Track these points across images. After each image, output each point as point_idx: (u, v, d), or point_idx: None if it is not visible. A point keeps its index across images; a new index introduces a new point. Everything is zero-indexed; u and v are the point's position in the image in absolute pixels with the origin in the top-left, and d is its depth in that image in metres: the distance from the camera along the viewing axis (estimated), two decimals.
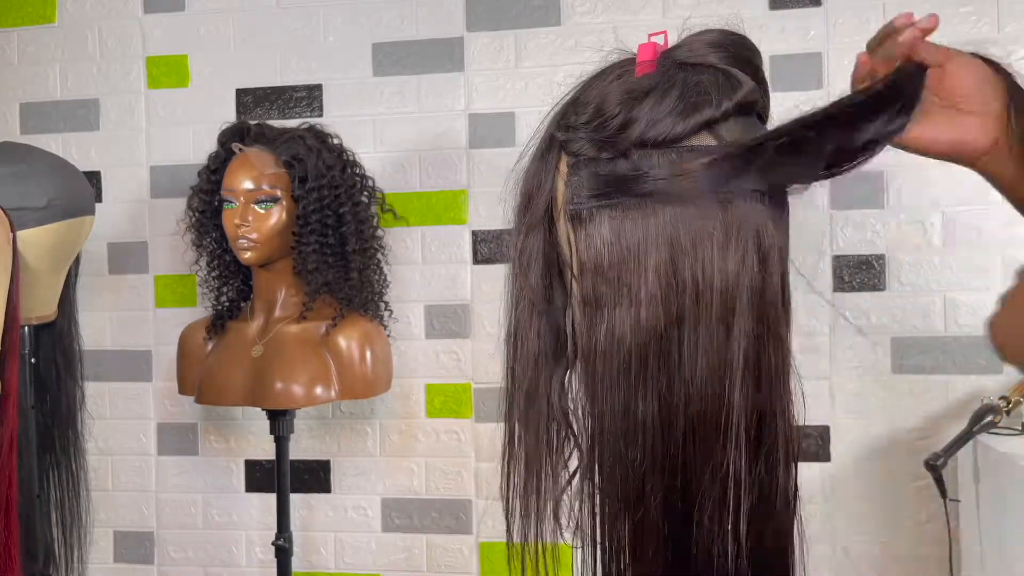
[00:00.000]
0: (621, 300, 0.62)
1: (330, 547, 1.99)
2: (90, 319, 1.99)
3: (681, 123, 0.62)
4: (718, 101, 0.62)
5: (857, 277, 1.79)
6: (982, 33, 1.76)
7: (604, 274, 0.63)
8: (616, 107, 0.63)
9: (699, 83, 0.63)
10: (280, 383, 1.66)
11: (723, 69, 0.65)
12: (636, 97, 0.63)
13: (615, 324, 0.62)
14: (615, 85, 0.65)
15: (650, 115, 0.62)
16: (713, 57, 0.65)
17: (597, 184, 0.63)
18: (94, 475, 1.98)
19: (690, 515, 0.61)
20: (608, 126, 0.63)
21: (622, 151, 0.62)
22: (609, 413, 0.63)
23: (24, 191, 1.49)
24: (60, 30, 2.07)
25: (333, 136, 1.77)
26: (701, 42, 0.66)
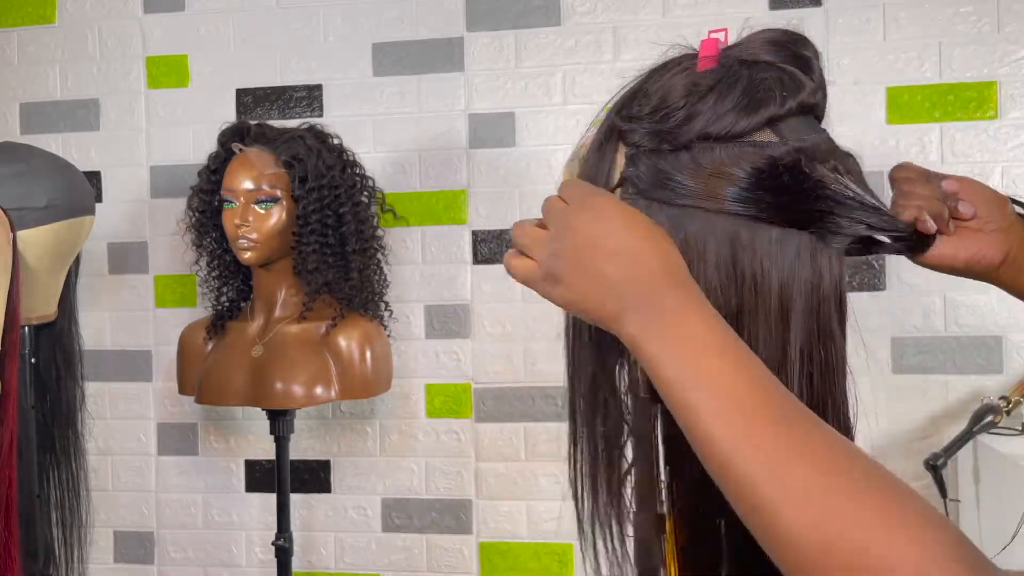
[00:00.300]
0: None
1: (330, 547, 1.99)
2: (90, 319, 1.99)
3: (745, 119, 0.62)
4: (782, 99, 0.63)
5: (857, 277, 1.79)
6: (982, 33, 1.76)
7: None
8: (681, 99, 0.63)
9: (763, 80, 0.64)
10: (280, 383, 1.66)
11: (784, 68, 0.65)
12: (701, 91, 0.63)
13: None
14: (679, 78, 0.65)
15: (714, 109, 0.62)
16: (773, 56, 0.66)
17: (657, 176, 0.63)
18: (94, 475, 1.98)
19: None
20: (672, 118, 0.63)
21: (684, 144, 0.63)
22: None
23: (24, 191, 1.49)
24: (60, 30, 2.07)
25: (333, 136, 1.77)
26: (761, 40, 0.67)
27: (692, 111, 0.62)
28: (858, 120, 1.79)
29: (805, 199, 0.62)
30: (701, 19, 1.80)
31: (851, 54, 1.80)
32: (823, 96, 0.67)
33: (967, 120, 1.77)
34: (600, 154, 0.67)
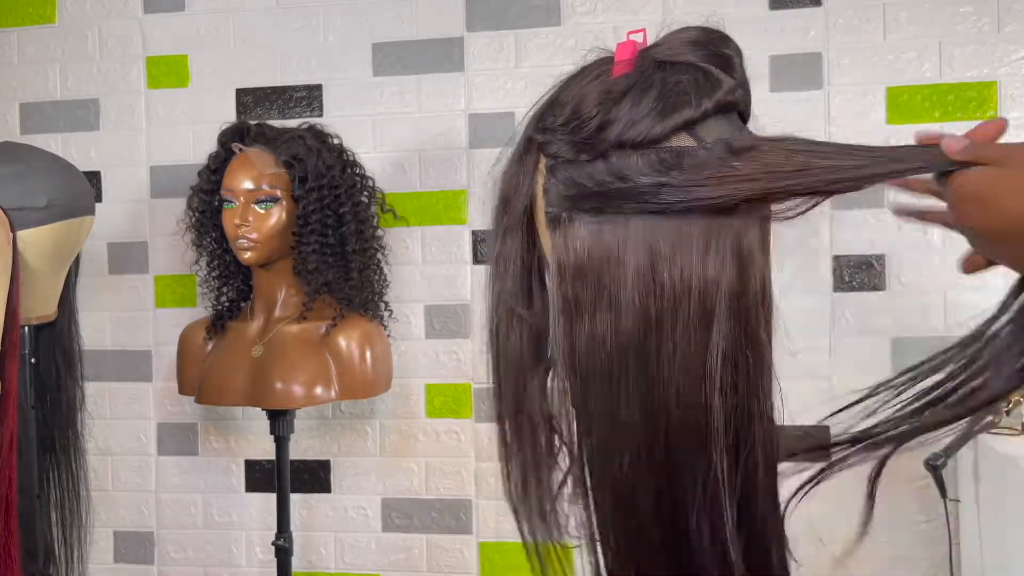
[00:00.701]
0: (600, 304, 0.61)
1: (330, 547, 1.99)
2: (90, 319, 1.99)
3: (660, 124, 0.61)
4: (697, 101, 0.61)
5: (857, 277, 1.79)
6: (982, 33, 1.76)
7: (583, 277, 0.62)
8: (594, 108, 0.62)
9: (678, 83, 0.62)
10: (280, 383, 1.66)
11: (702, 67, 0.64)
12: (614, 97, 0.62)
13: (596, 328, 0.61)
14: (593, 85, 0.64)
15: (628, 116, 0.61)
16: (692, 55, 0.64)
17: (575, 187, 0.62)
18: (94, 475, 1.99)
19: (683, 519, 0.61)
20: (586, 127, 0.62)
21: (600, 152, 0.61)
22: (596, 417, 0.62)
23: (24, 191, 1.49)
24: (60, 30, 2.07)
25: (333, 136, 1.77)
26: (680, 40, 0.66)
27: (606, 119, 0.61)
28: (858, 120, 1.79)
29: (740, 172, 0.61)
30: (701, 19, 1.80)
31: (851, 54, 1.80)
32: (744, 93, 0.65)
33: (967, 120, 1.77)
34: (520, 165, 0.67)
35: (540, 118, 0.66)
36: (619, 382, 0.61)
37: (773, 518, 0.64)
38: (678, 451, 0.61)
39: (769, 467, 0.63)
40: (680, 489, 0.61)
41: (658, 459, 0.61)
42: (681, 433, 0.60)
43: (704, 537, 0.60)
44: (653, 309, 0.60)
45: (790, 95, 1.80)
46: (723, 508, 0.60)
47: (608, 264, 0.61)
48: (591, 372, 0.62)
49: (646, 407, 0.61)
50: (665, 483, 0.61)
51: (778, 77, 1.80)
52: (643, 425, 0.61)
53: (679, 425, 0.60)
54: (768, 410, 0.64)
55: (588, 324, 0.62)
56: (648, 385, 0.61)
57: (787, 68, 1.80)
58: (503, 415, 0.69)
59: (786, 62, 1.80)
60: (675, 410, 0.60)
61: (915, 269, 1.78)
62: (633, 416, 0.61)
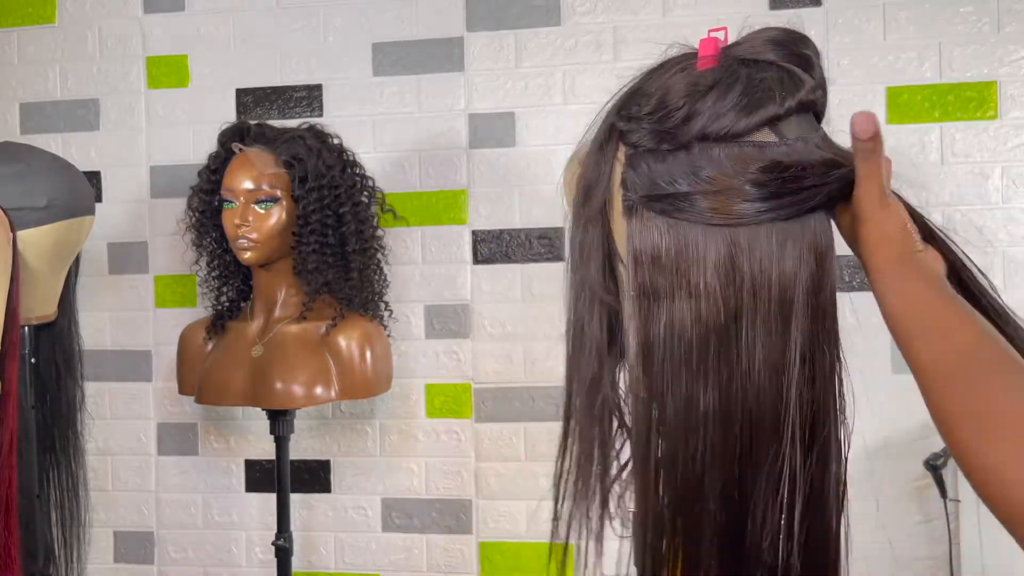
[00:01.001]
0: (680, 292, 0.62)
1: (330, 547, 1.99)
2: (90, 319, 1.99)
3: (744, 119, 0.62)
4: (782, 98, 0.63)
5: (857, 277, 1.79)
6: (982, 33, 1.76)
7: (661, 266, 0.63)
8: (680, 99, 0.63)
9: (763, 80, 0.64)
10: (280, 383, 1.66)
11: (785, 67, 0.65)
12: (700, 90, 0.63)
13: (674, 316, 0.62)
14: (679, 78, 0.65)
15: (713, 109, 0.62)
16: (773, 54, 0.66)
17: (655, 185, 0.63)
18: (94, 475, 1.98)
19: (746, 507, 0.62)
20: (672, 117, 0.63)
21: (683, 143, 0.62)
22: (671, 404, 0.63)
23: (24, 191, 1.49)
24: (60, 30, 2.07)
25: (333, 136, 1.77)
26: (761, 39, 0.67)
27: (691, 111, 0.62)
28: None
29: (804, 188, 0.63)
30: (701, 19, 1.80)
31: (851, 54, 1.80)
32: (823, 94, 0.67)
33: (967, 120, 1.77)
34: (600, 154, 0.67)
35: (623, 107, 0.67)
36: (699, 369, 0.62)
37: (836, 515, 0.65)
38: (752, 442, 0.61)
39: (838, 464, 0.64)
40: (749, 480, 0.61)
41: (731, 446, 0.62)
42: (757, 423, 0.61)
43: (768, 529, 0.61)
44: (733, 300, 0.61)
45: None
46: (792, 502, 0.61)
47: (686, 253, 0.62)
48: (668, 360, 0.62)
49: (724, 395, 0.62)
50: (735, 470, 0.62)
51: None
52: (720, 413, 0.62)
53: (755, 415, 0.61)
54: (841, 407, 0.66)
55: (666, 313, 0.62)
56: (728, 374, 0.61)
57: None
58: (574, 401, 0.69)
59: None
60: (752, 400, 0.61)
61: None
62: (711, 403, 0.62)
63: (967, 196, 1.76)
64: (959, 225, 1.77)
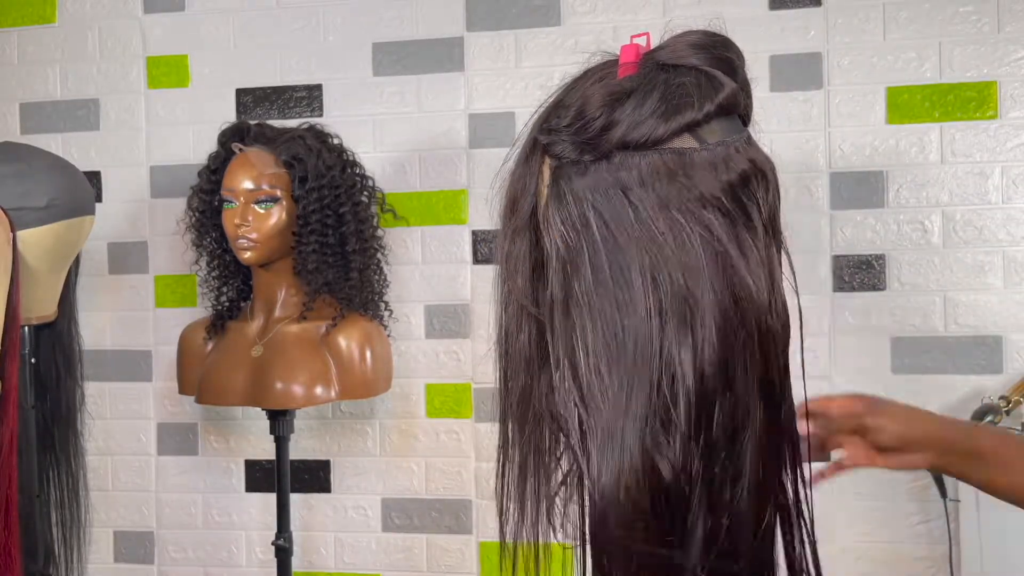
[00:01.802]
0: (606, 302, 0.62)
1: (330, 547, 1.99)
2: (90, 319, 1.99)
3: (663, 125, 0.62)
4: (700, 104, 0.63)
5: (857, 277, 1.79)
6: (982, 33, 1.76)
7: (584, 276, 0.63)
8: (598, 109, 0.63)
9: (681, 85, 0.63)
10: (280, 383, 1.66)
11: (705, 71, 0.64)
12: (618, 99, 0.63)
13: (602, 325, 0.62)
14: (597, 87, 0.64)
15: (632, 117, 0.62)
16: (695, 59, 0.65)
17: (579, 186, 0.63)
18: (94, 475, 1.98)
19: (679, 518, 0.61)
20: (590, 128, 0.63)
21: (604, 153, 0.62)
22: (602, 410, 0.62)
23: (24, 191, 1.49)
24: (60, 30, 2.07)
25: (333, 136, 1.77)
26: (683, 43, 0.66)
27: (610, 120, 0.62)
28: (858, 120, 1.79)
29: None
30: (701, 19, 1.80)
31: (851, 54, 1.80)
32: (746, 97, 0.66)
33: (967, 120, 1.77)
34: (525, 167, 0.67)
35: (545, 120, 0.67)
36: (629, 376, 0.61)
37: (761, 525, 0.64)
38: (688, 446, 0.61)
39: (761, 479, 0.63)
40: (681, 487, 0.61)
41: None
42: (685, 426, 0.61)
43: (697, 536, 0.61)
44: (659, 304, 0.61)
45: (790, 95, 1.80)
46: (726, 503, 0.60)
47: (613, 262, 0.62)
48: (596, 367, 0.62)
49: (654, 401, 0.61)
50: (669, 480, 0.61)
51: (778, 77, 1.80)
52: (651, 418, 0.61)
53: (685, 419, 0.61)
54: (772, 415, 0.64)
55: (591, 321, 0.62)
56: (657, 381, 0.61)
57: (787, 68, 1.80)
58: (508, 412, 0.69)
59: (786, 62, 1.80)
60: (683, 405, 0.61)
61: (915, 269, 1.78)
62: (640, 410, 0.61)
63: (967, 196, 1.76)
64: (959, 225, 1.77)
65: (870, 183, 1.79)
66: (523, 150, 0.68)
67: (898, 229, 1.78)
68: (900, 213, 1.79)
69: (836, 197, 1.79)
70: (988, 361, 1.75)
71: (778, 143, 1.80)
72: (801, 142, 1.81)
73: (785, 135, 1.81)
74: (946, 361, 1.76)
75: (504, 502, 0.69)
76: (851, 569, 1.78)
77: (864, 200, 1.79)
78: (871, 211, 1.79)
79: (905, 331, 1.78)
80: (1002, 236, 1.75)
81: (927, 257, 1.78)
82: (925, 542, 1.76)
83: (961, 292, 1.76)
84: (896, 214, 1.79)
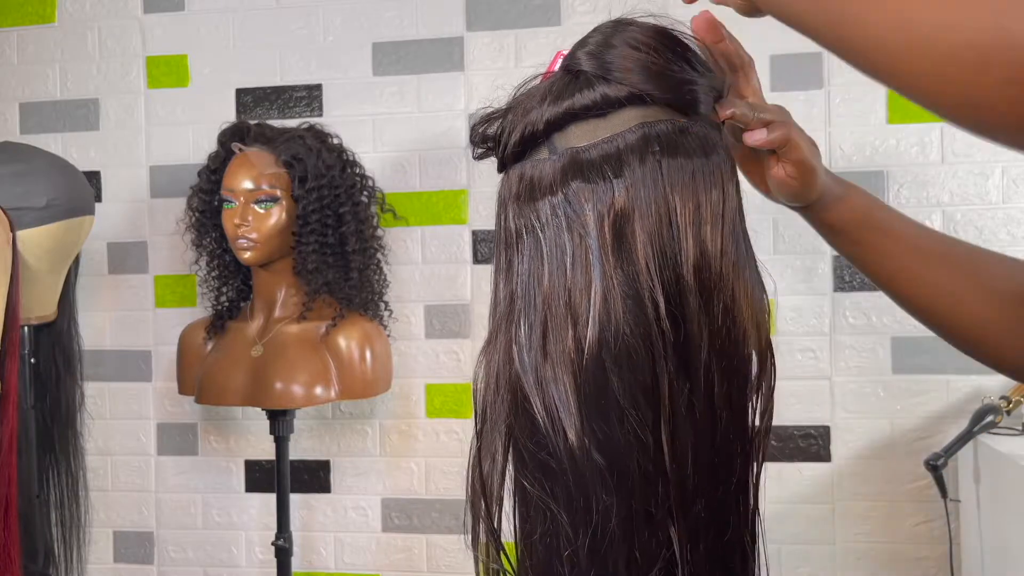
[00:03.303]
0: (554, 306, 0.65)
1: (330, 547, 1.99)
2: (90, 319, 1.99)
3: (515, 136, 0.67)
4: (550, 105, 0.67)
5: (857, 277, 1.79)
6: None
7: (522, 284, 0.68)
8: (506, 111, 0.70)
9: (539, 89, 0.70)
10: (280, 383, 1.66)
11: (581, 72, 0.69)
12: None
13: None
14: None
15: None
16: (583, 63, 0.70)
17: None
18: (93, 475, 1.98)
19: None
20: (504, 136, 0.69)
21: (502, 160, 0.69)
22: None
23: (24, 191, 1.49)
24: (60, 30, 2.07)
25: (333, 136, 1.77)
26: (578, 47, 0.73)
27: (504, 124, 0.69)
28: (858, 120, 1.79)
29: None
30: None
31: None
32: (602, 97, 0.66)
33: None
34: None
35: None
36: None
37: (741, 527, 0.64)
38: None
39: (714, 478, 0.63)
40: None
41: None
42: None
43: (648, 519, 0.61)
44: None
45: (790, 95, 1.80)
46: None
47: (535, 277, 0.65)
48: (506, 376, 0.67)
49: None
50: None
51: (778, 77, 1.80)
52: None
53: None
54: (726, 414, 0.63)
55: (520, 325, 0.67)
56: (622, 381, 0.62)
57: (787, 68, 1.80)
58: (486, 422, 0.73)
59: (786, 62, 1.80)
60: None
61: None
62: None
63: (967, 196, 1.76)
64: (959, 225, 1.77)
65: (871, 183, 1.79)
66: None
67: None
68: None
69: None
70: None
71: None
72: None
73: None
74: (946, 361, 1.76)
75: (476, 503, 0.73)
76: (851, 569, 1.78)
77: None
78: None
79: (905, 331, 1.78)
80: (1002, 236, 1.75)
81: None
82: (925, 542, 1.76)
83: None
84: None
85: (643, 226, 0.60)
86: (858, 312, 1.79)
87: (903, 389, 1.77)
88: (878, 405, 1.78)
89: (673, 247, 0.60)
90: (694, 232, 0.61)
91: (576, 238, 0.62)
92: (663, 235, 0.61)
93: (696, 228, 0.61)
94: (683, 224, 0.61)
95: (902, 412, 1.78)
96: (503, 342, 0.67)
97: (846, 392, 1.79)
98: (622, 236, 0.61)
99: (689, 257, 0.60)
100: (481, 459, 0.67)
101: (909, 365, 1.77)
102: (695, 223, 0.61)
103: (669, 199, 0.61)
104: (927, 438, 1.75)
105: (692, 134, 0.63)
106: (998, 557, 1.52)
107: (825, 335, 1.79)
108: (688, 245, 0.60)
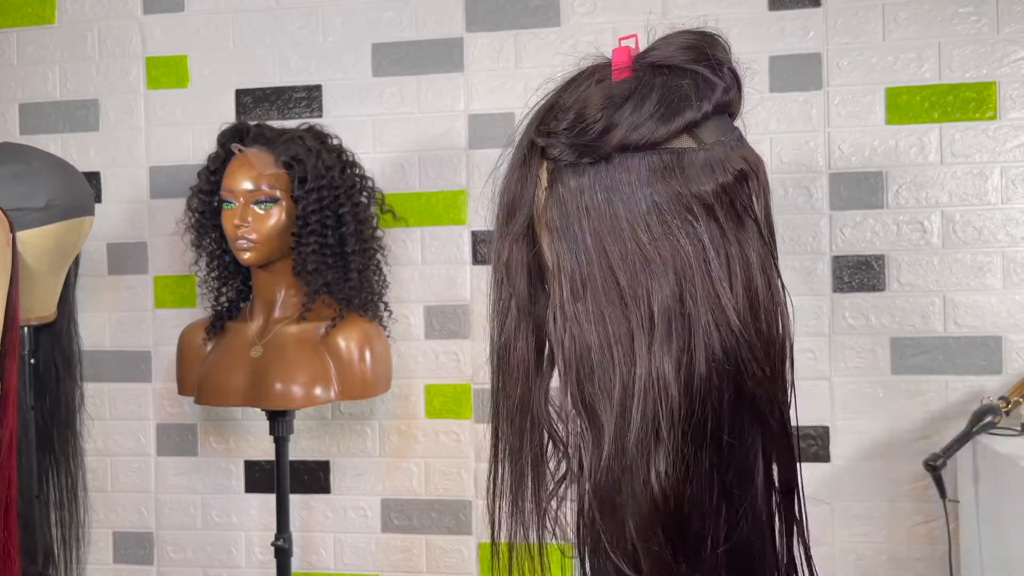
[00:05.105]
0: (610, 302, 0.62)
1: (330, 547, 1.99)
2: (90, 319, 1.99)
3: (663, 127, 0.62)
4: (698, 104, 0.63)
5: (857, 277, 1.79)
6: (982, 33, 1.76)
7: (586, 282, 0.63)
8: (598, 111, 0.63)
9: (678, 87, 0.64)
10: (279, 384, 1.66)
11: (698, 71, 0.65)
12: (616, 102, 0.63)
13: (606, 327, 0.63)
14: (595, 90, 0.65)
15: (631, 119, 0.63)
16: (687, 60, 0.66)
17: (575, 188, 0.63)
18: (93, 476, 1.98)
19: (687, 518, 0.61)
20: (590, 130, 0.63)
21: (603, 155, 0.63)
22: (607, 412, 0.63)
23: (24, 191, 1.49)
24: (60, 30, 2.07)
25: (333, 136, 1.77)
26: (673, 45, 0.67)
27: (609, 122, 0.63)
28: (857, 120, 1.80)
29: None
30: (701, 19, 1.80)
31: (850, 54, 1.80)
32: (737, 93, 0.67)
33: (966, 120, 1.77)
34: (523, 171, 0.68)
35: (541, 122, 0.67)
36: (622, 386, 0.62)
37: (768, 521, 0.64)
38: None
39: (767, 471, 0.64)
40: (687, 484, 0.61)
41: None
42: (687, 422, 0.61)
43: (703, 537, 0.61)
44: (655, 308, 0.61)
45: (790, 95, 1.80)
46: (728, 506, 0.61)
47: (602, 272, 0.62)
48: (588, 371, 0.63)
49: (645, 411, 0.61)
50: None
51: (778, 77, 1.80)
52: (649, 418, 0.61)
53: (668, 431, 0.61)
54: (780, 411, 0.65)
55: (596, 323, 0.62)
56: (643, 390, 0.61)
57: (787, 68, 1.80)
58: (503, 418, 0.69)
59: (785, 62, 1.80)
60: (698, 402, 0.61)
61: (914, 270, 1.78)
62: (637, 419, 0.61)
63: (966, 196, 1.76)
64: (959, 225, 1.77)
65: (869, 184, 1.79)
66: (518, 153, 0.68)
67: (897, 230, 1.78)
68: (899, 214, 1.79)
69: (835, 198, 1.79)
70: (988, 361, 1.75)
71: (777, 144, 1.80)
72: (800, 143, 1.81)
73: (784, 136, 1.81)
74: (946, 361, 1.76)
75: (498, 506, 0.70)
76: (851, 569, 1.78)
77: (863, 201, 1.79)
78: (870, 212, 1.79)
79: (905, 331, 1.78)
80: (1001, 237, 1.75)
81: (926, 258, 1.78)
82: (924, 542, 1.76)
83: (960, 293, 1.76)
84: (895, 215, 1.79)
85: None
86: (857, 313, 1.79)
87: (902, 389, 1.77)
88: (877, 405, 1.78)
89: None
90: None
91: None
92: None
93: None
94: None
95: (902, 412, 1.78)
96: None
97: (845, 393, 1.79)
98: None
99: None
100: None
101: (908, 366, 1.77)
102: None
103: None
104: (926, 438, 1.75)
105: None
106: (997, 557, 1.52)
107: (824, 336, 1.79)
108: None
